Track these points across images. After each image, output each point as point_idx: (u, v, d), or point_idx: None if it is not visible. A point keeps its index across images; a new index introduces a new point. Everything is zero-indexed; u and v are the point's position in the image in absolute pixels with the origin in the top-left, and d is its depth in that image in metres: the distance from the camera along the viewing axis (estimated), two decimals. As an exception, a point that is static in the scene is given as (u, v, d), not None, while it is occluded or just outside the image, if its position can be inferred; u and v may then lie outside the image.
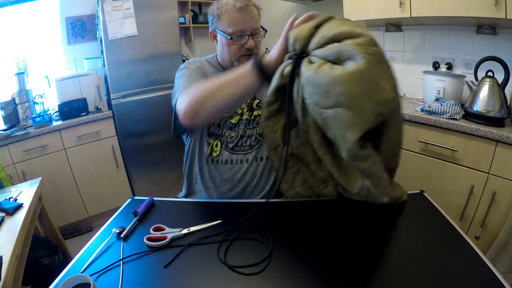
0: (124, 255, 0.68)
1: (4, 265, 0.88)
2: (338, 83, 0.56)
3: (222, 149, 0.96)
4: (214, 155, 0.96)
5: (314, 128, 0.67)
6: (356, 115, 0.56)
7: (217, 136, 0.97)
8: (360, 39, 0.55)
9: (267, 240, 0.70)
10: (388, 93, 0.56)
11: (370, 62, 0.54)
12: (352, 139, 0.57)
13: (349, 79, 0.55)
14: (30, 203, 1.28)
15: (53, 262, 1.45)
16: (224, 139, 0.96)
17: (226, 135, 0.97)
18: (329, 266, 0.63)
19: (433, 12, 1.50)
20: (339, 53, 0.57)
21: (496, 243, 1.24)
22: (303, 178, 0.85)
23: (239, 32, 0.91)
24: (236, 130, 0.97)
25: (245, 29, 0.91)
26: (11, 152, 1.86)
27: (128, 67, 2.17)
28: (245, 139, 0.96)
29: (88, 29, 2.38)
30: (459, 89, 1.63)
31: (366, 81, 0.55)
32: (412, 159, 1.57)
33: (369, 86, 0.55)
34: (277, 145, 0.81)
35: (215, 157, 0.96)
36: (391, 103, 0.58)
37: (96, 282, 0.60)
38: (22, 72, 2.09)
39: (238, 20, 0.90)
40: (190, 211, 0.89)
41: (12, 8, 2.15)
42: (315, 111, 0.62)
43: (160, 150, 2.38)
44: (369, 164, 0.62)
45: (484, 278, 0.57)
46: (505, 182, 1.25)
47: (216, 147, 0.97)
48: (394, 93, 0.58)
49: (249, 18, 0.91)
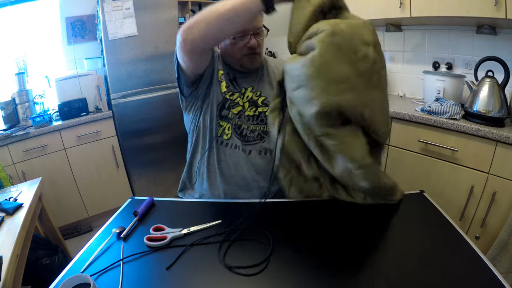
0: (124, 255, 0.68)
1: (4, 265, 0.88)
2: (299, 68, 0.70)
3: (232, 134, 0.98)
4: (225, 137, 0.97)
5: (298, 115, 0.76)
6: (311, 91, 0.69)
7: (228, 120, 0.98)
8: (322, 34, 0.67)
9: (267, 240, 0.70)
10: (343, 72, 0.67)
11: (322, 49, 0.66)
12: (311, 112, 0.69)
13: (306, 63, 0.68)
14: (30, 203, 1.28)
15: (53, 262, 1.45)
16: (233, 123, 0.98)
17: (236, 122, 0.98)
18: (329, 266, 0.63)
19: (433, 12, 1.50)
20: (307, 47, 0.71)
21: (496, 243, 1.24)
22: (298, 187, 0.87)
23: (241, 32, 0.91)
24: (238, 120, 0.98)
25: (247, 28, 0.91)
26: (11, 152, 1.86)
27: (128, 67, 2.17)
28: (249, 132, 0.98)
29: (88, 29, 2.38)
30: (459, 89, 1.63)
31: (318, 63, 0.67)
32: (412, 159, 1.57)
33: (322, 67, 0.67)
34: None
35: (225, 139, 0.97)
36: (346, 81, 0.68)
37: (96, 282, 0.60)
38: (22, 72, 2.09)
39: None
40: (190, 211, 0.89)
41: (12, 8, 2.15)
42: (291, 96, 0.76)
43: (160, 150, 2.38)
44: (334, 142, 0.72)
45: (484, 278, 0.57)
46: (505, 182, 1.25)
47: (228, 130, 0.98)
48: (351, 71, 0.67)
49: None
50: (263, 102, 1.01)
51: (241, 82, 1.02)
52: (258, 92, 1.01)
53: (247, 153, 0.97)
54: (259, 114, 0.99)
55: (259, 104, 1.00)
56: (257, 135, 0.98)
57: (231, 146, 0.97)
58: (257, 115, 0.99)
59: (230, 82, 1.01)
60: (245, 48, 0.94)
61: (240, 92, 1.00)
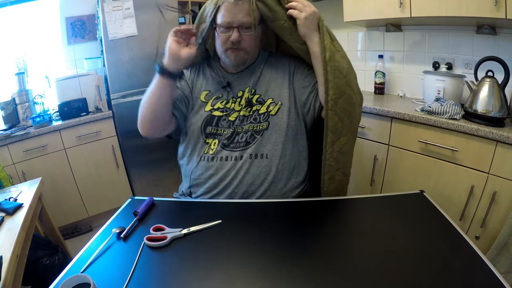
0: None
1: (4, 265, 0.88)
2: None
3: (218, 147, 0.96)
4: (211, 152, 0.96)
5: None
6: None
7: (215, 136, 0.97)
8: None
9: (267, 240, 0.70)
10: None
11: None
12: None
13: None
14: (30, 203, 1.27)
15: (53, 262, 1.45)
16: (222, 137, 0.96)
17: (225, 133, 0.97)
18: (329, 266, 0.63)
19: (433, 12, 1.49)
20: None
21: (496, 243, 1.24)
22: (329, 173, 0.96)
23: (225, 23, 0.91)
24: (232, 127, 0.96)
25: (232, 21, 0.90)
26: (11, 152, 1.86)
27: (128, 67, 2.17)
28: (241, 135, 0.96)
29: (88, 29, 2.38)
30: (459, 89, 1.63)
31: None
32: (412, 159, 1.57)
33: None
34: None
35: (211, 154, 0.96)
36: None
37: (96, 282, 0.60)
38: (22, 72, 2.09)
39: (227, 12, 0.90)
40: (190, 211, 0.89)
41: (12, 8, 2.15)
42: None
43: (160, 150, 2.38)
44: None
45: (484, 278, 0.57)
46: (505, 182, 1.25)
47: (214, 145, 0.97)
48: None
49: (237, 11, 0.89)
50: (257, 100, 0.99)
51: (237, 85, 1.01)
52: (253, 91, 1.00)
53: (238, 160, 0.94)
54: (253, 113, 0.97)
55: (254, 102, 0.99)
56: (250, 135, 0.96)
57: (217, 159, 0.95)
58: (251, 114, 0.97)
59: (224, 89, 1.00)
60: (228, 42, 0.92)
61: (235, 97, 0.99)
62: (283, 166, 0.95)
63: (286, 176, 0.96)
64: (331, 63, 0.89)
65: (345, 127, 0.94)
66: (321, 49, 0.90)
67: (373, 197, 0.93)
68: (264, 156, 0.94)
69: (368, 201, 0.90)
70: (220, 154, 0.95)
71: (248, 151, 0.94)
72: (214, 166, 0.95)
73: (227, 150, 0.95)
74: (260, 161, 0.94)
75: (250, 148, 0.95)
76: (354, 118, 0.97)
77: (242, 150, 0.95)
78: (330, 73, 0.89)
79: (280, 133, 0.95)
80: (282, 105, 0.97)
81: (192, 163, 1.00)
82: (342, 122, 0.93)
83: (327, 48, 0.89)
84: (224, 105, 0.99)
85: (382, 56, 2.02)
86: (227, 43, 0.93)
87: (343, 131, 0.94)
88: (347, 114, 0.93)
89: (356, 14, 1.84)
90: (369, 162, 1.76)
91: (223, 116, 0.98)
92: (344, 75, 0.91)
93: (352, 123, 0.96)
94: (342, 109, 0.92)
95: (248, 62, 1.00)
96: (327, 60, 0.89)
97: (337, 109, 0.91)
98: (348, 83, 0.92)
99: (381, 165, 1.72)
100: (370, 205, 0.86)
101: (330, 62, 0.89)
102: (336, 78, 0.89)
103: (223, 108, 0.99)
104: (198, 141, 0.99)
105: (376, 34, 2.11)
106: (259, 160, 0.94)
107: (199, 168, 0.97)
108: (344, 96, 0.91)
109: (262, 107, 0.97)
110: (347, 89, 0.92)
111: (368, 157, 1.76)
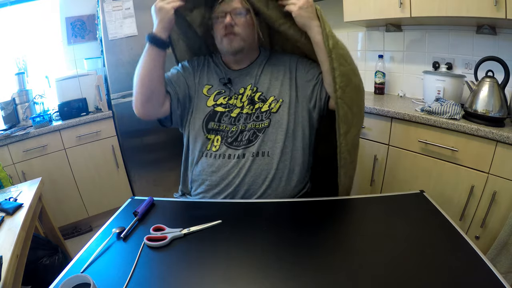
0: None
1: (4, 265, 0.88)
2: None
3: (221, 144, 0.96)
4: (214, 149, 0.96)
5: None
6: None
7: (217, 131, 0.97)
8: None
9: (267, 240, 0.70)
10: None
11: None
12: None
13: None
14: (30, 203, 1.27)
15: (53, 262, 1.45)
16: (225, 134, 0.96)
17: (227, 130, 0.97)
18: (329, 266, 0.63)
19: (433, 12, 1.49)
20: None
21: (496, 243, 1.24)
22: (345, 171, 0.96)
23: (220, 11, 0.93)
24: (236, 125, 0.97)
25: (225, 8, 0.92)
26: (11, 152, 1.86)
27: (128, 67, 2.16)
28: (245, 134, 0.96)
29: (88, 29, 2.38)
30: (459, 89, 1.62)
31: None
32: (412, 159, 1.57)
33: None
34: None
35: (214, 151, 0.96)
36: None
37: (96, 282, 0.60)
38: (22, 72, 2.09)
39: (221, 3, 0.93)
40: (190, 211, 0.89)
41: (12, 8, 2.15)
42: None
43: (160, 150, 2.38)
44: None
45: (484, 278, 0.57)
46: (505, 182, 1.25)
47: (216, 142, 0.97)
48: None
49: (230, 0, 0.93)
50: (260, 97, 0.99)
51: (238, 82, 1.01)
52: (255, 88, 1.00)
53: (241, 158, 0.94)
54: (255, 111, 0.97)
55: (256, 100, 0.99)
56: (252, 133, 0.96)
57: (220, 157, 0.95)
58: (253, 112, 0.97)
59: (225, 86, 1.00)
60: (223, 29, 0.93)
61: (237, 93, 0.99)
62: (284, 164, 0.95)
63: (287, 174, 0.96)
64: (335, 50, 0.87)
65: (355, 117, 0.93)
66: (323, 37, 0.88)
67: (373, 197, 0.93)
68: (265, 154, 0.94)
69: (368, 201, 0.90)
70: (223, 151, 0.96)
71: (251, 149, 0.94)
72: (216, 163, 0.95)
73: (231, 148, 0.96)
74: (261, 159, 0.94)
75: (252, 146, 0.95)
76: (361, 107, 0.97)
77: (245, 148, 0.95)
78: (336, 60, 0.87)
79: (281, 130, 0.96)
80: (283, 102, 0.97)
81: (193, 158, 1.00)
82: (351, 111, 0.91)
83: (329, 35, 0.88)
84: (227, 101, 0.99)
85: (382, 56, 2.01)
86: (222, 30, 0.94)
87: (353, 121, 0.93)
88: (355, 102, 0.93)
89: (356, 14, 1.83)
90: (369, 162, 1.76)
91: (226, 112, 0.98)
92: (348, 63, 0.91)
93: (360, 112, 0.96)
94: (350, 97, 0.91)
95: (245, 50, 0.98)
96: (331, 48, 0.87)
97: (346, 98, 0.90)
98: (354, 71, 0.92)
99: (381, 165, 1.72)
100: (370, 205, 0.86)
101: (334, 50, 0.87)
102: (341, 66, 0.88)
103: (226, 104, 0.99)
104: (200, 136, 0.99)
105: (376, 34, 2.11)
106: (260, 158, 0.94)
107: (201, 164, 0.98)
108: (351, 84, 0.90)
109: (264, 105, 0.98)
110: (353, 77, 0.91)
111: (368, 157, 1.76)
